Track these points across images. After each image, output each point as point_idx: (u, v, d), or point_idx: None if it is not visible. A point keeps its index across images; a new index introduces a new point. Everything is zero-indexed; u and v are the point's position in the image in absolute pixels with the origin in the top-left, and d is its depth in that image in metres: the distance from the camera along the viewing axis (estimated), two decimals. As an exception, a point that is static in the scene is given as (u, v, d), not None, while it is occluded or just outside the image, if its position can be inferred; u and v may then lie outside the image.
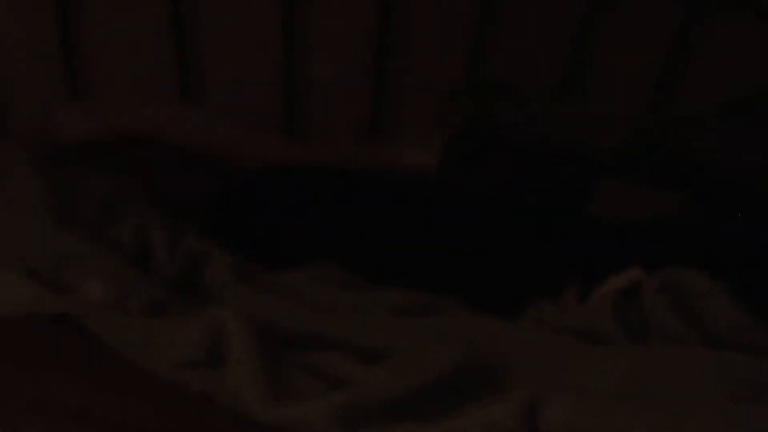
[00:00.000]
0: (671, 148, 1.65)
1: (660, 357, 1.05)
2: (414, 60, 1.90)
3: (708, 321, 1.13)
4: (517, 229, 1.38)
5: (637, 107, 1.91)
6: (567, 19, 1.92)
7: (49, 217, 1.24)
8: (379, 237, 1.36)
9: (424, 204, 1.42)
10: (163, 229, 1.26)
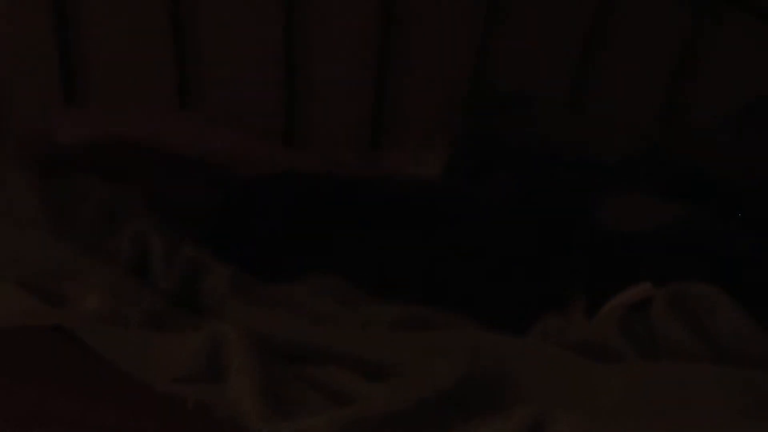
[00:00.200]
0: (678, 157, 1.66)
1: (668, 372, 1.04)
2: (416, 67, 1.90)
3: (717, 335, 1.13)
4: (522, 241, 1.38)
5: (644, 117, 1.92)
6: (573, 27, 1.93)
7: (46, 227, 1.25)
8: (381, 248, 1.36)
9: (427, 215, 1.42)
10: (162, 238, 1.26)
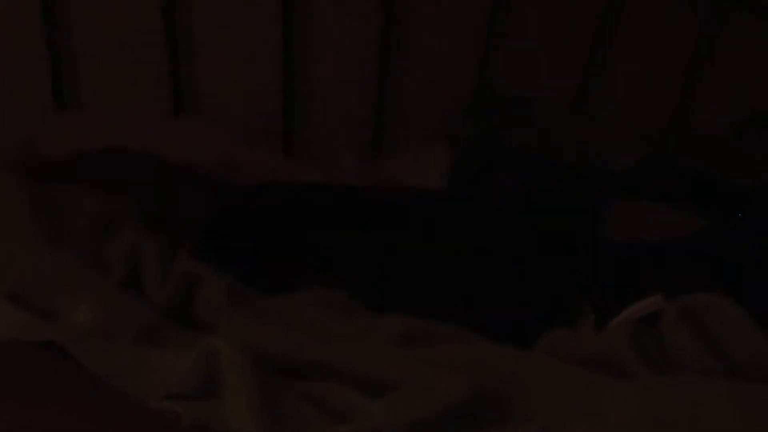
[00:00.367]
0: (685, 162, 1.66)
1: (679, 387, 1.04)
2: (418, 69, 1.90)
3: (732, 349, 1.13)
4: (527, 252, 1.38)
5: (650, 121, 1.92)
6: (579, 29, 1.93)
7: (36, 239, 1.24)
8: (381, 260, 1.36)
9: (429, 225, 1.42)
10: (156, 250, 1.25)
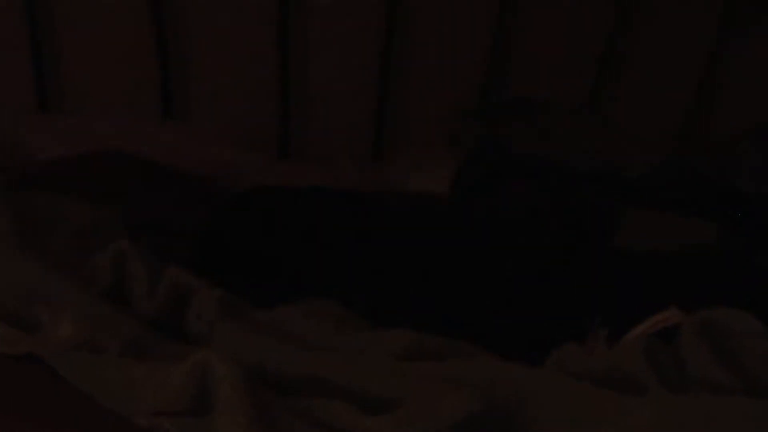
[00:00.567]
0: (705, 172, 1.66)
1: (697, 406, 1.03)
2: (422, 72, 1.90)
3: (753, 366, 1.11)
4: (537, 262, 1.37)
5: (666, 127, 1.93)
6: (591, 31, 1.93)
7: (17, 249, 1.23)
8: (384, 270, 1.35)
9: (433, 234, 1.41)
10: (143, 260, 1.24)
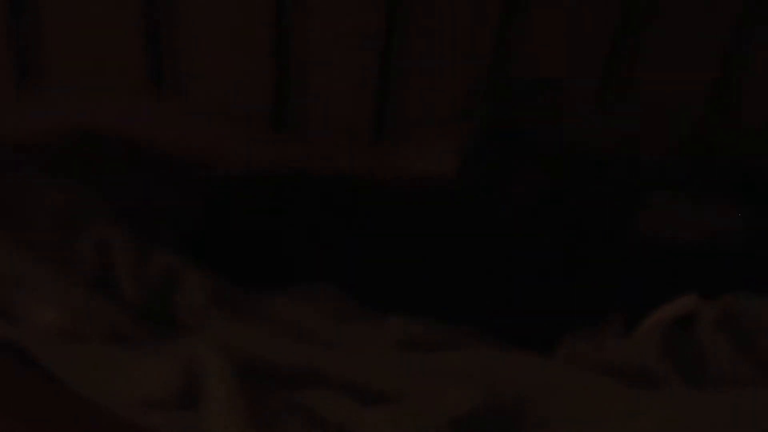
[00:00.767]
0: (732, 156, 1.66)
1: (716, 400, 1.04)
2: (428, 48, 1.88)
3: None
4: (550, 249, 1.37)
5: (689, 109, 1.92)
6: (606, 6, 1.92)
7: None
8: (387, 256, 1.34)
9: (439, 219, 1.41)
10: (129, 245, 1.24)
